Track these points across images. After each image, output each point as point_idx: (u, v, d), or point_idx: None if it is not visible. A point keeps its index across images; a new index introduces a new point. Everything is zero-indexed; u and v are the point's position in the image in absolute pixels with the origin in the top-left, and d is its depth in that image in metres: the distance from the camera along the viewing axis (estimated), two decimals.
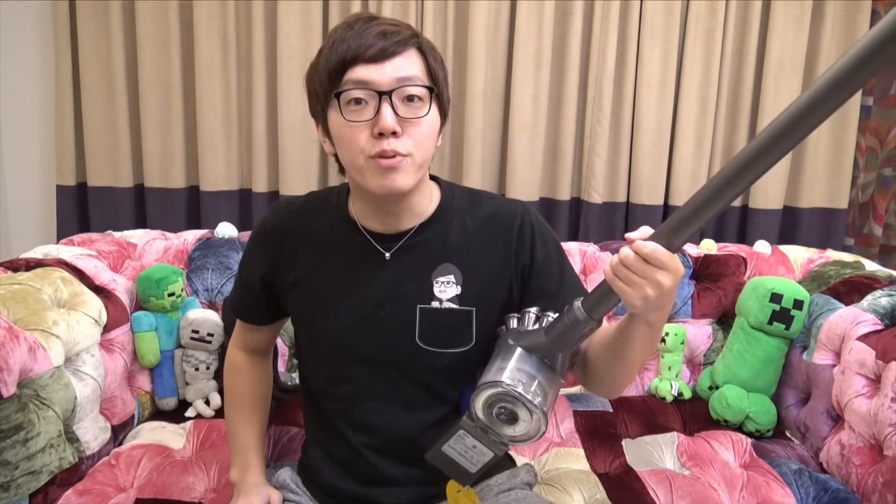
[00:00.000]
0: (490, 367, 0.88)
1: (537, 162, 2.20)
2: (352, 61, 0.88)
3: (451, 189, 1.06)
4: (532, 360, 0.88)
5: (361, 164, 0.91)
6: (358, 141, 0.89)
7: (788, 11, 2.12)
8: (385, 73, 0.88)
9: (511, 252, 1.02)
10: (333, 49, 0.89)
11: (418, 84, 0.89)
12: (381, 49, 0.87)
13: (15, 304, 1.30)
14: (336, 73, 0.89)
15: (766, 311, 1.62)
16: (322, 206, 1.07)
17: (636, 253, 0.77)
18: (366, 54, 0.87)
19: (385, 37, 0.88)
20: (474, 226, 1.03)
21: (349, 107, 0.89)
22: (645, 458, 1.48)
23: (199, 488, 1.33)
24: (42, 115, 2.27)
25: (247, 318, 1.17)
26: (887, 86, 2.26)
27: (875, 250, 2.34)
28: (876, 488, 1.29)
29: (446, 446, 0.92)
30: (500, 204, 1.06)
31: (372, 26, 0.89)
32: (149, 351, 1.60)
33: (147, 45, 2.12)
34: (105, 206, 2.22)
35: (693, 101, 2.17)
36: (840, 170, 2.24)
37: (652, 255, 0.77)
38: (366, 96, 0.88)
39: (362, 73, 0.88)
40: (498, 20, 2.16)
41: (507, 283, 1.02)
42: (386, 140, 0.88)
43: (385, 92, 0.87)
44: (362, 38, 0.88)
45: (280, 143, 2.17)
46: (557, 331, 0.86)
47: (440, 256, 1.00)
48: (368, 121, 0.88)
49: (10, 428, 1.15)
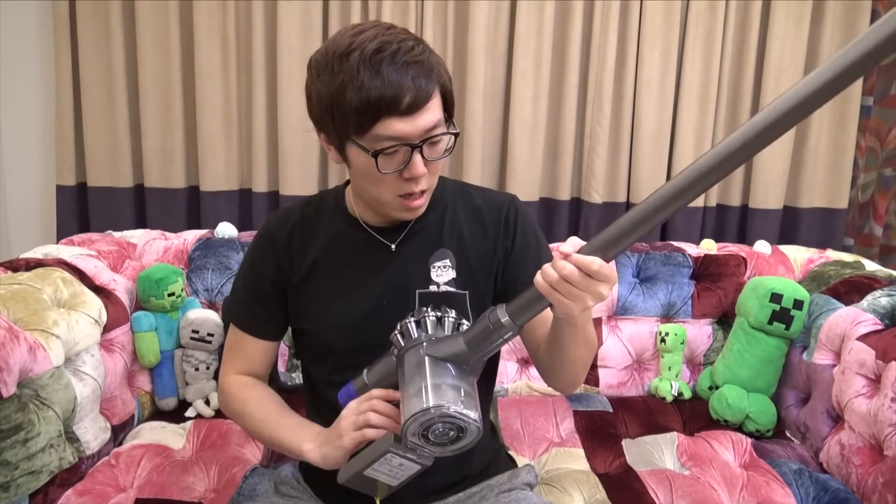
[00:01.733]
0: (407, 390, 0.82)
1: (537, 162, 2.20)
2: (385, 113, 0.86)
3: (443, 180, 1.10)
4: (447, 368, 0.83)
5: (387, 200, 0.95)
6: (386, 182, 0.92)
7: (788, 11, 2.12)
8: (417, 127, 0.88)
9: (498, 237, 1.06)
10: (363, 93, 0.85)
11: (444, 132, 0.92)
12: (414, 101, 0.86)
13: (15, 304, 1.30)
14: (367, 122, 0.87)
15: (766, 311, 1.62)
16: (320, 208, 1.10)
17: (579, 268, 0.77)
18: (399, 107, 0.86)
19: (415, 83, 0.86)
20: (465, 213, 1.07)
21: (381, 156, 0.89)
22: (645, 458, 1.48)
23: (199, 488, 1.33)
24: (42, 115, 2.27)
25: (255, 329, 1.11)
26: (887, 86, 2.25)
27: (875, 250, 2.34)
28: (876, 488, 1.29)
29: (370, 469, 0.87)
30: (490, 194, 1.12)
31: (398, 65, 0.85)
32: (149, 351, 1.60)
33: (147, 45, 2.12)
34: (105, 206, 2.22)
35: (693, 101, 2.17)
36: (840, 170, 2.24)
37: (599, 272, 0.77)
38: (397, 147, 0.89)
39: (396, 127, 0.87)
40: (498, 20, 2.16)
41: (494, 267, 1.06)
42: (414, 182, 0.92)
43: (417, 145, 0.89)
44: (393, 84, 0.85)
45: (280, 143, 2.17)
46: (478, 337, 0.83)
47: (437, 242, 1.04)
48: (397, 170, 0.90)
49: (10, 428, 1.15)
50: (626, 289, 1.83)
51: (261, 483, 1.34)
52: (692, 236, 2.22)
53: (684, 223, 2.23)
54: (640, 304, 1.82)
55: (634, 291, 1.83)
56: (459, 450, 0.82)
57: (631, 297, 1.83)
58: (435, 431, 0.80)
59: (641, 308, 1.82)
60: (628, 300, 1.82)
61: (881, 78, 2.24)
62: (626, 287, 1.83)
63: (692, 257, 1.89)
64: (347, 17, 2.12)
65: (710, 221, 2.28)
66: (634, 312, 1.82)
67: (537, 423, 1.61)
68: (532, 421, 1.61)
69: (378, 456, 0.85)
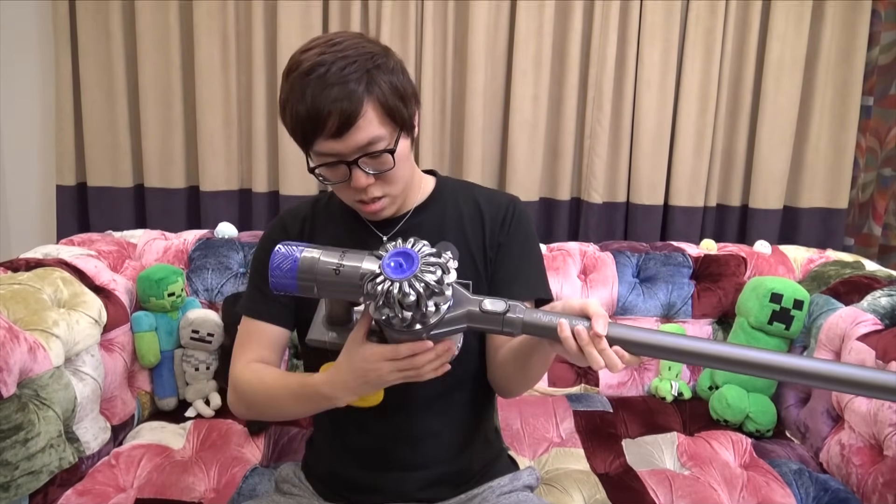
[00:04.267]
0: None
1: (537, 162, 2.20)
2: (314, 135, 0.90)
3: (447, 179, 1.13)
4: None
5: (349, 204, 1.00)
6: (339, 190, 0.98)
7: (788, 11, 2.12)
8: (347, 146, 0.91)
9: (494, 233, 1.07)
10: (293, 116, 0.90)
11: (381, 149, 0.93)
12: (339, 125, 0.89)
13: (15, 304, 1.30)
14: (301, 141, 0.93)
15: (766, 311, 1.62)
16: (327, 205, 1.12)
17: (623, 361, 0.80)
18: (324, 130, 0.89)
19: (337, 106, 0.88)
20: (468, 208, 1.09)
21: (323, 169, 0.94)
22: (645, 458, 1.48)
23: (199, 488, 1.33)
24: (42, 115, 2.27)
25: (268, 315, 1.09)
26: (887, 86, 2.26)
27: (875, 250, 2.34)
28: (876, 488, 1.29)
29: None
30: (493, 193, 1.13)
31: (323, 87, 0.88)
32: (149, 351, 1.60)
33: (147, 45, 2.12)
34: (105, 206, 2.22)
35: (693, 101, 2.17)
36: (840, 170, 2.24)
37: (631, 363, 0.82)
38: (335, 161, 0.93)
39: (329, 145, 0.91)
40: (498, 20, 2.16)
41: (489, 261, 1.07)
42: (362, 191, 0.95)
43: (351, 161, 0.92)
44: (316, 108, 0.88)
45: (280, 143, 2.17)
46: (483, 319, 0.83)
47: (437, 235, 1.05)
48: (343, 182, 0.94)
49: (10, 428, 1.15)
50: (626, 289, 1.83)
51: (261, 483, 1.34)
52: (692, 236, 2.22)
53: (684, 223, 2.23)
54: (640, 303, 1.82)
55: (634, 291, 1.83)
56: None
57: (631, 297, 1.83)
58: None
59: (641, 308, 1.82)
60: (628, 300, 1.82)
61: (881, 78, 2.24)
62: (626, 287, 1.83)
63: (692, 257, 1.89)
64: (347, 17, 2.12)
65: (710, 221, 2.28)
66: (634, 312, 1.82)
67: (537, 423, 1.61)
68: (532, 421, 1.61)
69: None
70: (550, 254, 1.88)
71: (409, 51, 2.14)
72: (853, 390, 0.74)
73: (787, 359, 0.75)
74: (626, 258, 1.88)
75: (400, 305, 0.78)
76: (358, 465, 1.08)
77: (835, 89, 2.21)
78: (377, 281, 0.79)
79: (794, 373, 0.75)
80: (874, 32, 2.17)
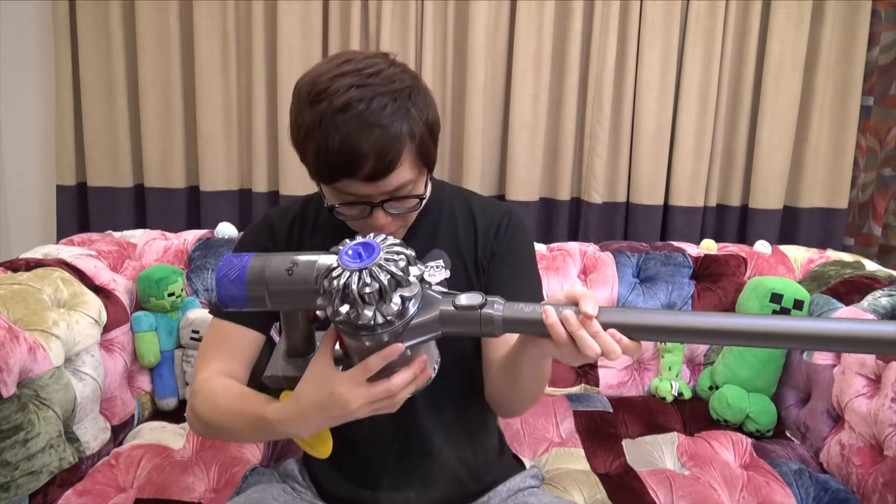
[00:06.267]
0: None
1: (537, 162, 2.20)
2: (343, 175, 0.83)
3: (442, 184, 1.09)
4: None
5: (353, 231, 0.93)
6: (352, 223, 0.92)
7: (788, 11, 2.12)
8: (377, 189, 0.85)
9: (487, 241, 1.03)
10: (321, 150, 0.82)
11: (410, 195, 0.88)
12: (376, 170, 0.82)
13: (15, 304, 1.30)
14: (325, 177, 0.85)
15: (767, 311, 1.62)
16: (315, 208, 1.06)
17: (621, 347, 0.71)
18: (357, 173, 0.82)
19: (378, 148, 0.81)
20: (462, 216, 1.05)
21: (342, 207, 0.88)
22: (645, 458, 1.48)
23: (199, 488, 1.33)
24: (42, 115, 2.27)
25: (241, 317, 1.01)
26: (887, 86, 2.25)
27: (875, 250, 2.34)
28: (876, 488, 1.29)
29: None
30: (489, 202, 1.09)
31: (363, 130, 0.80)
32: (149, 351, 1.60)
33: (147, 45, 2.12)
34: (105, 206, 2.22)
35: (693, 101, 2.17)
36: (840, 170, 2.24)
37: (630, 349, 0.72)
38: (357, 201, 0.87)
39: (353, 188, 0.84)
40: (498, 20, 2.16)
41: (482, 270, 1.03)
42: (379, 229, 0.88)
43: (377, 203, 0.86)
44: (354, 151, 0.80)
45: (280, 143, 2.17)
46: (456, 318, 0.73)
47: (430, 243, 1.02)
48: (360, 219, 0.89)
49: (10, 428, 1.15)
50: (627, 289, 1.83)
51: (260, 483, 1.33)
52: (692, 236, 2.22)
53: (684, 223, 2.23)
54: (640, 303, 1.82)
55: (635, 291, 1.83)
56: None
57: (631, 296, 1.83)
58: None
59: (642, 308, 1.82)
60: (628, 300, 1.82)
61: (881, 78, 2.24)
62: (626, 287, 1.83)
63: (692, 257, 1.89)
64: (347, 17, 2.12)
65: (710, 221, 2.28)
66: None
67: (537, 423, 1.61)
68: (532, 421, 1.61)
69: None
70: (550, 254, 1.88)
71: (409, 51, 2.13)
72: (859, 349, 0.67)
73: (801, 323, 0.68)
74: (626, 258, 1.88)
75: (361, 300, 0.68)
76: (355, 485, 1.06)
77: (835, 89, 2.21)
78: (333, 275, 0.69)
79: (807, 338, 0.67)
80: (874, 32, 2.17)
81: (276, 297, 0.75)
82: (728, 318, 0.70)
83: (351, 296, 0.68)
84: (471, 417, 1.09)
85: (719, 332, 0.69)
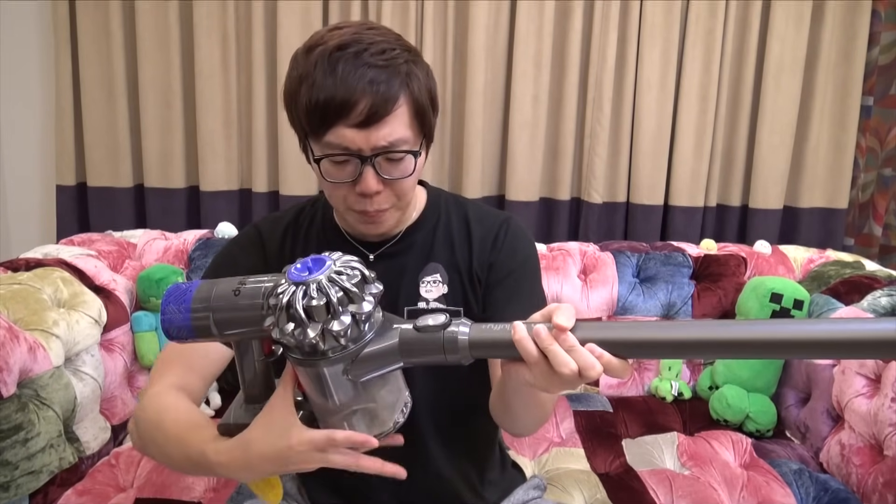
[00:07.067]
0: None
1: (537, 162, 2.20)
2: (335, 119, 0.78)
3: (439, 193, 1.03)
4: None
5: (343, 211, 0.89)
6: (339, 192, 0.85)
7: (788, 11, 2.12)
8: (369, 141, 0.79)
9: (484, 252, 0.97)
10: (313, 92, 0.77)
11: (404, 150, 0.82)
12: (369, 114, 0.77)
13: (15, 304, 1.30)
14: (316, 126, 0.80)
15: (767, 311, 1.62)
16: (308, 216, 1.02)
17: (606, 365, 0.63)
18: (350, 117, 0.77)
19: (374, 89, 0.76)
20: (459, 227, 0.99)
21: (328, 162, 0.82)
22: (645, 458, 1.48)
23: (199, 488, 1.33)
24: (42, 115, 2.27)
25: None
26: (887, 86, 2.25)
27: (875, 250, 2.34)
28: (876, 488, 1.29)
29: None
30: (487, 210, 1.03)
31: (359, 69, 0.76)
32: (149, 351, 1.60)
33: (147, 45, 2.12)
34: (105, 206, 2.22)
35: (693, 101, 2.17)
36: (840, 170, 2.24)
37: (616, 369, 0.64)
38: (346, 156, 0.81)
39: (347, 135, 0.79)
40: (498, 20, 2.16)
41: (480, 284, 0.98)
42: (368, 200, 0.84)
43: (368, 157, 0.80)
44: (348, 90, 0.76)
45: (280, 143, 2.17)
46: (419, 345, 0.66)
47: (426, 257, 0.97)
48: (349, 182, 0.83)
49: (10, 428, 1.15)
50: (626, 289, 1.83)
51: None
52: (692, 236, 2.22)
53: (684, 223, 2.24)
54: (640, 303, 1.82)
55: (634, 291, 1.83)
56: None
57: (631, 296, 1.83)
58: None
59: (641, 308, 1.82)
60: (628, 300, 1.82)
61: (881, 78, 2.24)
62: (626, 287, 1.83)
63: (692, 257, 1.89)
64: (347, 17, 2.12)
65: (710, 221, 2.28)
66: (634, 312, 1.82)
67: None
68: None
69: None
70: (550, 254, 1.88)
71: None
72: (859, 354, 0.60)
73: (802, 326, 0.60)
74: (626, 258, 1.88)
75: (307, 316, 0.61)
76: (341, 497, 1.02)
77: (835, 89, 2.21)
78: (278, 290, 0.63)
79: (812, 344, 0.59)
80: (874, 32, 2.17)
81: (222, 324, 0.69)
82: (725, 328, 0.62)
83: (296, 313, 0.61)
84: (474, 435, 1.05)
85: (715, 344, 0.61)
